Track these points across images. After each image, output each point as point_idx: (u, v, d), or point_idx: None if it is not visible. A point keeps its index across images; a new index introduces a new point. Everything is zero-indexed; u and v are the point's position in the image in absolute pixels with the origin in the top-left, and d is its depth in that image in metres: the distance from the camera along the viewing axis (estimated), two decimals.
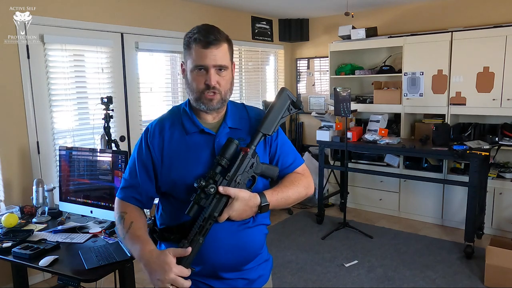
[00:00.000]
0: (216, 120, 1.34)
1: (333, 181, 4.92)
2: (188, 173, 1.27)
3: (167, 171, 1.29)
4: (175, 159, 1.29)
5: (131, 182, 1.34)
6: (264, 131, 1.30)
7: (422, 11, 4.65)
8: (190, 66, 1.27)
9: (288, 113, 1.35)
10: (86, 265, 1.89)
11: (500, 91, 3.87)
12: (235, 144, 1.23)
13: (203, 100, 1.27)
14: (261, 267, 1.40)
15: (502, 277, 3.00)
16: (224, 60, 1.26)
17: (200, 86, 1.26)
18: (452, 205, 4.28)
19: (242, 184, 1.26)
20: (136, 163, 1.34)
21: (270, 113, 1.31)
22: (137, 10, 3.89)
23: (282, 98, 1.34)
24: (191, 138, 1.30)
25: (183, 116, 1.34)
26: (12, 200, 3.09)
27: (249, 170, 1.27)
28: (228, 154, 1.22)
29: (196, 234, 1.19)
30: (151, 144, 1.31)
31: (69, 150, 2.57)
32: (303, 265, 3.51)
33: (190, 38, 1.26)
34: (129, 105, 3.89)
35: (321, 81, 5.69)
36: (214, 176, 1.21)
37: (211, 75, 1.24)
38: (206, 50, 1.23)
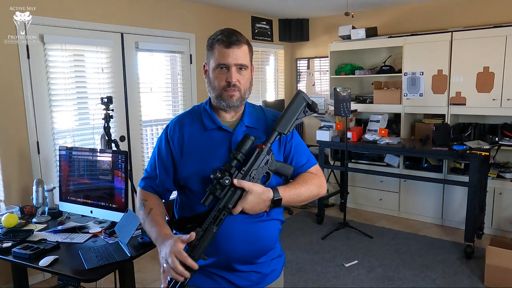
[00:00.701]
0: (234, 119, 1.41)
1: (333, 181, 4.92)
2: (205, 167, 1.32)
3: (185, 164, 1.36)
4: (193, 153, 1.36)
5: (151, 174, 1.45)
6: (279, 129, 1.34)
7: (422, 11, 4.65)
8: (212, 65, 1.34)
9: (304, 115, 1.39)
10: (86, 265, 1.89)
11: (500, 91, 3.87)
12: (251, 140, 1.29)
13: (224, 97, 1.33)
14: (274, 262, 1.45)
15: (502, 277, 3.00)
16: (244, 59, 1.33)
17: (221, 83, 1.32)
18: (452, 205, 4.28)
19: (256, 179, 1.30)
20: (156, 157, 1.43)
21: (286, 113, 1.36)
22: (137, 10, 3.89)
23: (298, 100, 1.38)
24: (210, 134, 1.37)
25: (203, 114, 1.41)
26: (12, 200, 3.09)
27: (264, 167, 1.32)
28: (244, 149, 1.28)
29: (210, 224, 1.24)
30: (171, 139, 1.39)
31: (69, 150, 2.57)
32: (303, 265, 3.51)
33: (214, 40, 1.34)
34: (129, 105, 3.89)
35: (321, 81, 5.69)
36: (229, 169, 1.26)
37: (232, 73, 1.31)
38: (228, 50, 1.31)
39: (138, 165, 4.02)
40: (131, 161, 3.90)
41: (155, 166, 1.43)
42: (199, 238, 1.22)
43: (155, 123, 4.24)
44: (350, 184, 4.91)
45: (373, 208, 4.85)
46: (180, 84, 4.39)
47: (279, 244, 1.50)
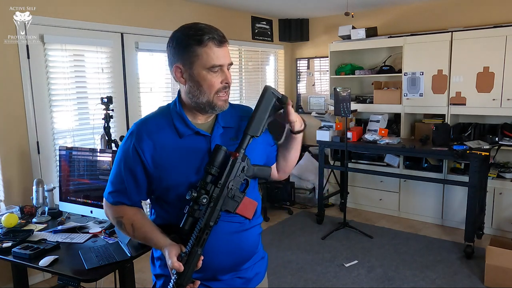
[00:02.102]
0: (209, 120, 1.31)
1: (333, 181, 4.92)
2: (185, 179, 1.24)
3: (161, 177, 1.25)
4: (170, 165, 1.24)
5: (119, 187, 1.29)
6: (251, 133, 1.25)
7: (422, 11, 4.65)
8: (201, 67, 1.20)
9: (274, 111, 1.30)
10: (86, 265, 1.89)
11: (500, 91, 3.87)
12: (223, 151, 1.21)
13: (217, 103, 1.24)
14: (257, 266, 1.41)
15: (502, 277, 3.00)
16: (230, 57, 1.28)
17: (216, 86, 1.22)
18: (452, 205, 4.28)
19: (235, 189, 1.24)
20: (122, 167, 1.27)
21: (256, 114, 1.26)
22: (137, 10, 3.89)
23: (267, 97, 1.28)
24: (185, 141, 1.25)
25: (174, 118, 1.28)
26: (12, 200, 3.09)
27: (241, 174, 1.25)
28: (217, 162, 1.20)
29: (193, 246, 1.18)
30: (140, 148, 1.24)
31: (69, 150, 2.57)
32: (303, 265, 3.51)
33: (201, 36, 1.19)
34: (129, 105, 3.89)
35: (321, 81, 5.69)
36: (205, 186, 1.19)
37: (228, 73, 1.24)
38: (220, 48, 1.21)
39: None
40: None
41: (122, 178, 1.27)
42: (185, 263, 1.15)
43: None
44: (350, 184, 4.91)
45: (373, 208, 4.85)
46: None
47: (261, 245, 1.46)
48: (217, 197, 1.21)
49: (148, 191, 1.30)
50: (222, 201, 1.21)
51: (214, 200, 1.20)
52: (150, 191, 1.30)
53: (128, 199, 1.30)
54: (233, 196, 1.24)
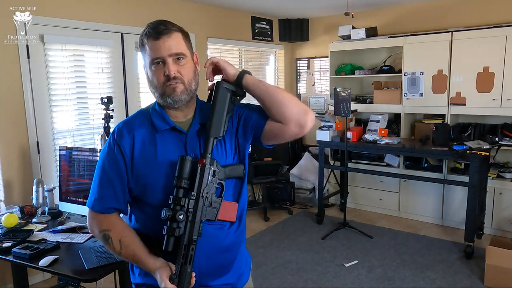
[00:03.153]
0: (187, 118, 1.29)
1: (333, 181, 4.91)
2: (159, 176, 1.22)
3: (138, 173, 1.24)
4: (146, 161, 1.23)
5: (105, 192, 1.25)
6: (213, 134, 1.22)
7: (422, 11, 4.65)
8: (147, 63, 1.23)
9: (233, 104, 1.26)
10: (86, 265, 1.89)
11: (500, 91, 3.87)
12: (189, 161, 1.18)
13: (167, 92, 1.21)
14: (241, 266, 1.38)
15: (502, 277, 3.00)
16: (179, 47, 1.21)
17: (160, 78, 1.21)
18: (452, 205, 4.28)
19: (210, 194, 1.21)
20: (107, 168, 1.25)
21: (214, 114, 1.23)
22: (137, 10, 3.89)
23: (220, 93, 1.24)
24: (162, 137, 1.25)
25: (152, 115, 1.28)
26: (12, 200, 3.09)
27: (213, 179, 1.21)
28: (185, 173, 1.17)
29: (182, 265, 1.15)
30: (121, 145, 1.24)
31: (69, 150, 2.57)
32: (303, 265, 3.51)
33: (142, 36, 1.22)
34: (129, 105, 3.89)
35: (321, 81, 5.69)
36: (178, 201, 1.16)
37: (169, 65, 1.19)
38: (158, 41, 1.19)
39: None
40: None
41: (109, 180, 1.24)
42: (177, 284, 1.14)
43: None
44: (350, 184, 4.91)
45: (373, 208, 4.85)
46: None
47: (244, 247, 1.43)
48: (194, 209, 1.17)
49: (128, 187, 1.26)
50: (200, 212, 1.18)
51: (191, 213, 1.17)
52: (130, 188, 1.26)
53: (116, 201, 1.25)
54: (211, 203, 1.21)
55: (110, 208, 1.26)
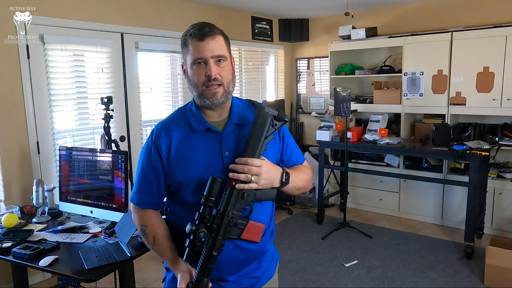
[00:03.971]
0: (222, 118, 1.34)
1: (333, 181, 4.92)
2: (194, 173, 1.27)
3: (176, 171, 1.30)
4: (183, 159, 1.29)
5: (143, 186, 1.36)
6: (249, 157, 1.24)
7: (422, 11, 4.65)
8: (189, 62, 1.27)
9: (273, 129, 1.28)
10: (86, 265, 1.89)
11: (500, 91, 3.87)
12: (218, 182, 1.20)
13: (207, 95, 1.26)
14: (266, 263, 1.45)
15: (502, 277, 3.00)
16: (221, 50, 1.27)
17: (201, 78, 1.25)
18: (452, 205, 4.28)
19: (237, 216, 1.23)
20: (145, 166, 1.34)
21: (251, 138, 1.24)
22: (137, 10, 3.89)
23: (260, 118, 1.26)
24: (198, 137, 1.30)
25: (189, 115, 1.34)
26: (12, 200, 3.09)
27: (241, 201, 1.23)
28: (214, 194, 1.20)
29: (199, 276, 1.20)
30: (158, 145, 1.31)
31: (69, 150, 2.57)
32: (303, 265, 3.51)
33: (186, 36, 1.28)
34: (129, 105, 3.89)
35: (321, 81, 5.69)
36: (203, 219, 1.19)
37: (211, 66, 1.24)
38: (202, 43, 1.24)
39: None
40: (131, 161, 3.89)
41: (145, 177, 1.35)
42: None
43: (155, 123, 4.22)
44: (350, 184, 4.91)
45: (373, 208, 4.85)
46: (180, 84, 4.39)
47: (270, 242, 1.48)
48: (217, 227, 1.21)
49: (166, 185, 1.34)
50: (223, 230, 1.21)
51: (214, 230, 1.20)
52: (167, 186, 1.34)
53: (152, 196, 1.35)
54: (236, 224, 1.23)
55: (146, 202, 1.36)
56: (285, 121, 1.31)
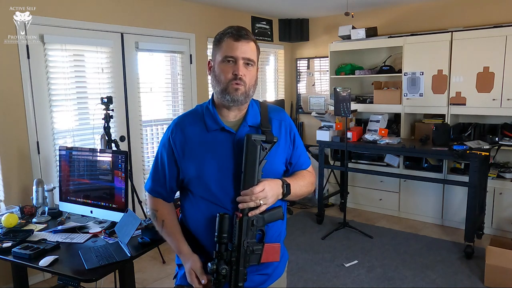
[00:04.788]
0: (238, 119, 1.39)
1: (333, 181, 4.92)
2: (206, 169, 1.32)
3: (188, 167, 1.35)
4: (195, 155, 1.34)
5: (155, 176, 1.44)
6: (249, 188, 1.28)
7: (422, 11, 4.65)
8: (219, 59, 1.32)
9: (265, 152, 1.31)
10: (86, 265, 1.89)
11: (500, 91, 3.87)
12: (226, 218, 1.24)
13: (229, 90, 1.30)
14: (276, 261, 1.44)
15: (502, 277, 3.00)
16: (252, 54, 1.33)
17: (228, 76, 1.30)
18: (452, 205, 4.28)
19: (252, 243, 1.27)
20: (159, 158, 1.42)
21: (246, 168, 1.28)
22: (137, 10, 3.89)
23: (250, 146, 1.28)
24: (212, 135, 1.35)
25: (205, 114, 1.38)
26: (12, 200, 3.09)
27: (252, 228, 1.27)
28: (225, 229, 1.24)
29: None
30: (173, 140, 1.37)
31: (69, 150, 2.57)
32: (303, 265, 3.51)
33: (222, 34, 1.33)
34: (129, 105, 3.89)
35: (321, 81, 5.69)
36: (221, 256, 1.24)
37: (240, 65, 1.30)
38: (237, 43, 1.30)
39: (138, 165, 4.02)
40: (131, 161, 3.90)
41: (158, 168, 1.43)
42: None
43: (155, 123, 4.24)
44: (350, 184, 4.91)
45: (373, 208, 4.85)
46: (180, 84, 4.39)
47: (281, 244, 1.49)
48: (236, 260, 1.25)
49: (177, 180, 1.40)
50: (243, 260, 1.26)
51: (235, 263, 1.25)
52: (179, 181, 1.40)
53: (162, 187, 1.43)
54: (253, 251, 1.28)
55: (156, 192, 1.45)
56: (274, 142, 1.34)
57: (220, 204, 1.32)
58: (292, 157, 1.46)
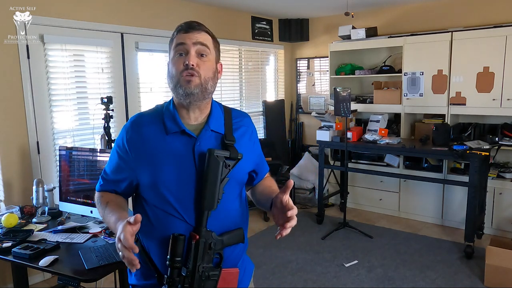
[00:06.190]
0: (199, 122, 1.27)
1: (333, 181, 4.91)
2: (163, 176, 1.20)
3: (141, 171, 1.23)
4: (151, 159, 1.22)
5: (107, 178, 1.33)
6: (207, 208, 1.18)
7: (422, 11, 4.65)
8: (171, 55, 1.24)
9: (228, 169, 1.22)
10: (86, 265, 1.89)
11: (500, 91, 3.87)
12: (181, 240, 1.11)
13: (181, 82, 1.20)
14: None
15: (502, 277, 3.00)
16: (205, 40, 1.23)
17: (179, 67, 1.20)
18: (452, 205, 4.28)
19: (208, 268, 1.16)
20: (113, 158, 1.31)
21: (206, 186, 1.18)
22: (137, 10, 3.89)
23: (211, 163, 1.19)
24: (171, 139, 1.23)
25: (165, 114, 1.27)
26: (12, 200, 3.09)
27: (209, 252, 1.17)
28: (179, 253, 1.11)
29: None
30: (127, 140, 1.26)
31: (69, 150, 2.57)
32: (303, 265, 3.51)
33: (174, 31, 1.26)
34: (129, 105, 3.89)
35: (321, 81, 5.69)
36: (173, 283, 1.12)
37: (191, 55, 1.20)
38: (187, 34, 1.22)
39: None
40: None
41: (112, 168, 1.31)
42: None
43: None
44: (350, 184, 4.91)
45: (373, 208, 4.85)
46: None
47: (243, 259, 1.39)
48: (189, 287, 1.14)
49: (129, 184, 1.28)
50: (197, 286, 1.14)
51: None
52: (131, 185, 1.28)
53: (117, 188, 1.31)
54: (209, 276, 1.17)
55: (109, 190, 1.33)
56: (238, 159, 1.24)
57: (176, 216, 1.20)
58: (257, 166, 1.40)
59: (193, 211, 1.20)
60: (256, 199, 1.43)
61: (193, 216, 1.20)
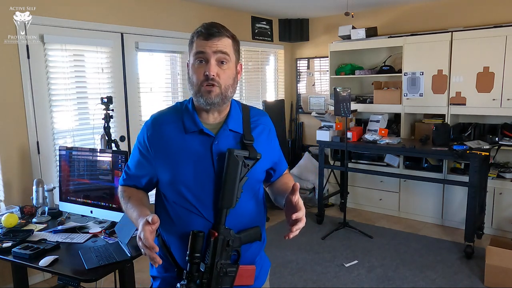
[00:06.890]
0: (218, 121, 1.30)
1: (333, 181, 4.91)
2: (181, 174, 1.24)
3: (161, 169, 1.27)
4: (170, 157, 1.26)
5: (129, 173, 1.38)
6: (226, 206, 1.21)
7: (422, 11, 4.65)
8: (191, 61, 1.25)
9: (247, 169, 1.24)
10: (86, 265, 1.89)
11: (500, 91, 3.87)
12: (200, 237, 1.15)
13: (202, 93, 1.22)
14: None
15: (502, 277, 3.00)
16: (226, 48, 1.22)
17: (199, 77, 1.22)
18: (452, 205, 4.28)
19: (226, 264, 1.20)
20: (134, 155, 1.36)
21: (225, 185, 1.21)
22: (137, 10, 3.89)
23: (231, 162, 1.21)
24: (190, 138, 1.26)
25: (184, 114, 1.30)
26: (12, 200, 3.09)
27: (228, 249, 1.20)
28: (198, 249, 1.15)
29: None
30: (148, 138, 1.30)
31: (69, 150, 2.57)
32: (303, 265, 3.51)
33: (194, 33, 1.25)
34: (129, 105, 3.89)
35: (321, 81, 5.69)
36: (192, 277, 1.16)
37: (211, 65, 1.20)
38: (207, 41, 1.21)
39: None
40: None
41: (133, 165, 1.36)
42: None
43: None
44: (350, 184, 4.91)
45: (373, 208, 4.85)
46: (180, 84, 4.39)
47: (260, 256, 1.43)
48: (208, 282, 1.17)
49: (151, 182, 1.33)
50: (214, 282, 1.18)
51: (205, 285, 1.17)
52: (151, 182, 1.33)
53: (139, 183, 1.36)
54: (226, 273, 1.20)
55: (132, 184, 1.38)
56: (257, 159, 1.27)
57: (195, 212, 1.24)
58: (275, 163, 1.42)
59: (212, 209, 1.23)
60: (273, 196, 1.46)
61: (212, 213, 1.23)
